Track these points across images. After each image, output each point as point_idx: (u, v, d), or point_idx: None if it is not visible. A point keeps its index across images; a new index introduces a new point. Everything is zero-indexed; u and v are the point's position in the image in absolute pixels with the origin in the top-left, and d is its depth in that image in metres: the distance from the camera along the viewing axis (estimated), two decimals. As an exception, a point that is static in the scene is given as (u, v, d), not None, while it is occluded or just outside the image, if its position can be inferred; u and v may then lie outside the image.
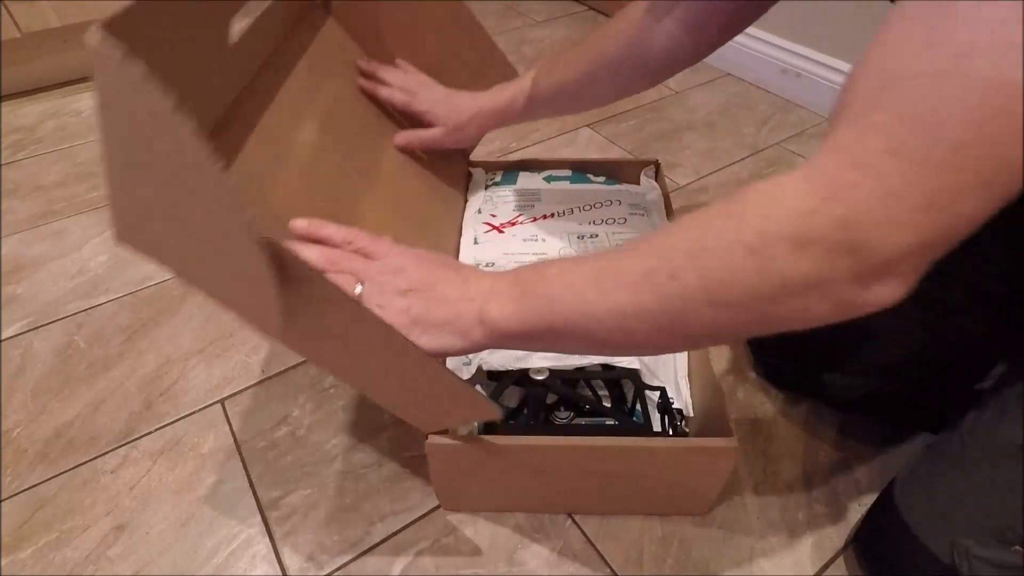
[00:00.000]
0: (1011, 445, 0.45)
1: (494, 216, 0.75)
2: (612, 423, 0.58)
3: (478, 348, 0.43)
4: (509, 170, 0.83)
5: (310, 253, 0.44)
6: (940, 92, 0.25)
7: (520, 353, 0.58)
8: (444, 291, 0.43)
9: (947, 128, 0.25)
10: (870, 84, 0.28)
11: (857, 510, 0.60)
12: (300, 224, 0.47)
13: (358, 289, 0.43)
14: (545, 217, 0.74)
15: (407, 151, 0.71)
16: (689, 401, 0.61)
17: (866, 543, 0.55)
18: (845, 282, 0.29)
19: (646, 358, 0.61)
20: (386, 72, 0.70)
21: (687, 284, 0.32)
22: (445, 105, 0.68)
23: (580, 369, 0.60)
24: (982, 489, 0.46)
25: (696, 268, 0.32)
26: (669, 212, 0.76)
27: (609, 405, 0.61)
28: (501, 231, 0.73)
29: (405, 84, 0.69)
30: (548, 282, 0.39)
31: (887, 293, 0.29)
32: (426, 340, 0.42)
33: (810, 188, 0.29)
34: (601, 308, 0.36)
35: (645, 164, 0.83)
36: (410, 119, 0.71)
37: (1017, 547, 0.43)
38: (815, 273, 0.29)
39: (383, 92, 0.69)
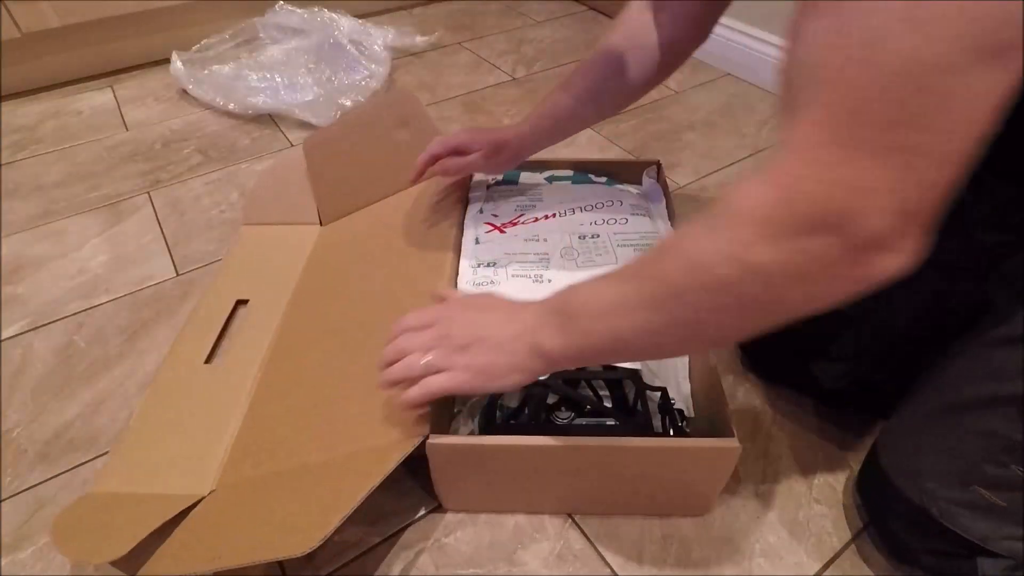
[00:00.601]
0: (970, 399, 0.49)
1: (496, 216, 0.75)
2: (613, 423, 0.58)
3: (539, 376, 0.47)
4: (510, 170, 0.83)
5: (388, 373, 0.50)
6: (862, 80, 0.27)
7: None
8: (496, 336, 0.47)
9: (875, 113, 0.27)
10: (802, 79, 0.30)
11: (857, 510, 0.60)
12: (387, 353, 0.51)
13: (424, 360, 0.48)
14: (547, 217, 0.75)
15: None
16: (690, 401, 0.61)
17: (863, 491, 0.59)
18: (844, 266, 0.30)
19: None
20: (430, 158, 0.72)
21: (692, 301, 0.36)
22: (482, 136, 0.71)
23: (581, 369, 0.60)
24: (945, 439, 0.50)
25: (696, 285, 0.35)
26: (671, 212, 0.76)
27: (610, 405, 0.61)
28: (503, 231, 0.73)
29: (447, 147, 0.71)
30: (580, 313, 0.43)
31: (889, 263, 0.30)
32: (496, 385, 0.47)
33: (773, 191, 0.31)
34: (628, 332, 0.40)
35: (647, 164, 0.83)
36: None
37: (975, 486, 0.47)
38: (802, 265, 0.31)
39: (438, 168, 0.72)
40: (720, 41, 1.32)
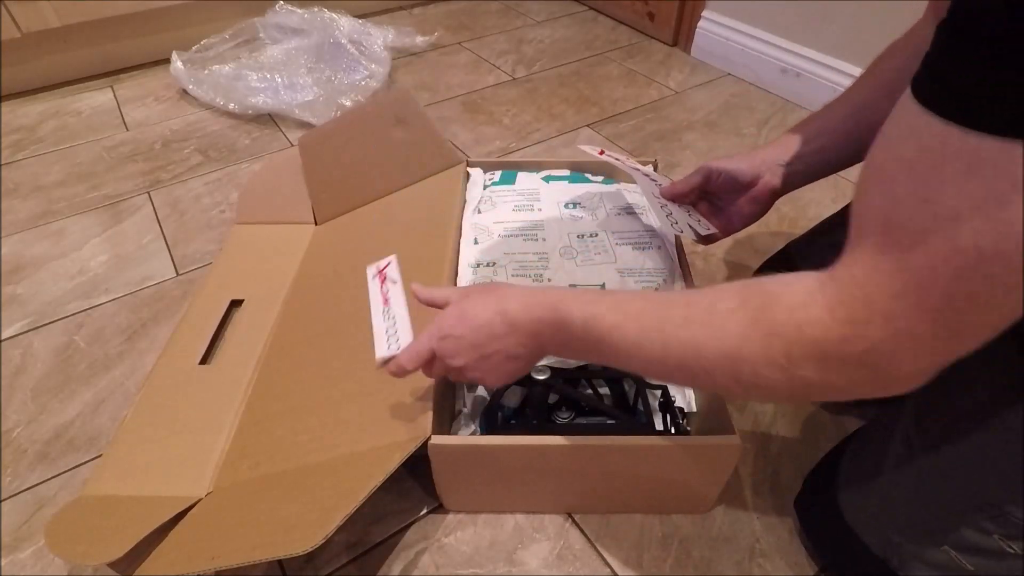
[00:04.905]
0: (957, 459, 0.46)
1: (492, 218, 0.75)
2: (613, 422, 0.58)
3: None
4: (508, 170, 0.83)
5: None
6: (931, 250, 0.29)
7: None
8: (498, 369, 0.48)
9: (939, 283, 0.29)
10: (877, 219, 0.31)
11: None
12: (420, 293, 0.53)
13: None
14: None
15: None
16: (692, 396, 0.61)
17: (804, 513, 0.58)
18: (866, 389, 0.34)
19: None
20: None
21: (721, 380, 0.38)
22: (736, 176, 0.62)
23: (582, 368, 0.60)
24: (923, 495, 0.47)
25: (730, 372, 0.37)
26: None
27: (610, 404, 0.61)
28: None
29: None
30: (595, 339, 0.43)
31: (906, 388, 0.34)
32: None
33: (838, 328, 0.33)
34: (638, 368, 0.43)
35: (644, 164, 0.83)
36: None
37: (945, 547, 0.45)
38: (837, 384, 0.34)
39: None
40: (720, 41, 1.32)
